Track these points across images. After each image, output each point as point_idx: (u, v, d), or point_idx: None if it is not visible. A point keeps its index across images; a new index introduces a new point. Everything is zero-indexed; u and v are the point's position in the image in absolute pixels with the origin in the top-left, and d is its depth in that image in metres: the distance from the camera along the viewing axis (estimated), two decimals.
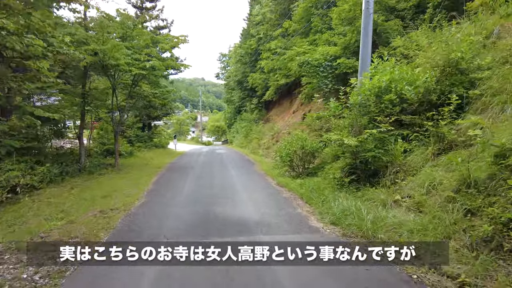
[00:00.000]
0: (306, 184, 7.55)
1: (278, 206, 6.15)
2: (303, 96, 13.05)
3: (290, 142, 9.16)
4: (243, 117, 29.51)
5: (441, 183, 4.69)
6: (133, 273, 3.40)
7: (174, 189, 8.15)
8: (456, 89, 5.89)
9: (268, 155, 17.12)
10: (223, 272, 3.35)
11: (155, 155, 16.90)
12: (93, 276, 3.43)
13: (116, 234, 4.77)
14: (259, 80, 24.69)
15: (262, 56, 22.76)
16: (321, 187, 6.95)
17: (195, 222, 5.32)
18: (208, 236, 4.57)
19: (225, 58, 37.42)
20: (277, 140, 18.80)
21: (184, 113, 56.44)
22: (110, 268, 3.41)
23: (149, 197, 7.16)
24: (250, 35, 28.77)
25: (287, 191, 7.46)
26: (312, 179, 8.16)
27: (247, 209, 5.93)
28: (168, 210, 6.02)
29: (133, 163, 13.23)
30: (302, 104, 19.85)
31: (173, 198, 7.02)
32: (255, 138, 22.98)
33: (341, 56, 10.95)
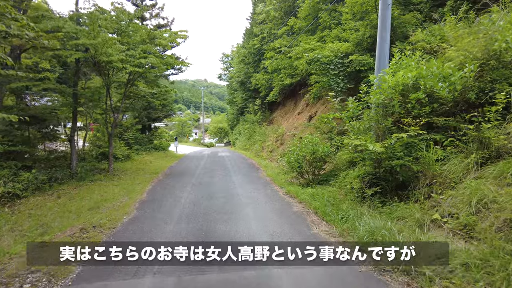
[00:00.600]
0: (319, 194, 6.63)
1: (289, 224, 5.21)
2: (311, 97, 12.16)
3: (300, 147, 8.25)
4: (246, 119, 28.62)
5: (494, 201, 3.76)
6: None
7: (170, 200, 7.26)
8: (499, 86, 4.96)
9: (272, 159, 16.21)
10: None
11: (154, 159, 16.02)
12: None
13: (81, 276, 3.51)
14: (263, 80, 23.82)
15: (266, 56, 21.90)
16: (337, 199, 6.03)
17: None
18: (207, 271, 3.60)
19: (227, 59, 36.51)
20: (282, 143, 17.89)
21: (186, 114, 55.65)
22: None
23: (140, 211, 6.25)
24: (253, 34, 27.91)
25: (297, 203, 6.54)
26: (325, 188, 7.24)
27: (254, 229, 5.01)
28: (160, 230, 5.07)
29: (129, 167, 12.35)
30: (307, 105, 18.95)
31: (168, 212, 6.10)
32: (258, 140, 22.10)
33: (353, 52, 10.03)
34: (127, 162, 13.48)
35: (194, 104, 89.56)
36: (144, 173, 11.28)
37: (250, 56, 27.52)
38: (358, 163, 6.76)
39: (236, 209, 6.16)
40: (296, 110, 21.31)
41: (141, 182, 9.29)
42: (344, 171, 7.53)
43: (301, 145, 8.24)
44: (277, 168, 12.97)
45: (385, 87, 5.91)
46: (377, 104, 6.12)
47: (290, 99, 23.40)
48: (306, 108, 19.03)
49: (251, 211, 6.03)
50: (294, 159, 8.12)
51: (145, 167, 12.69)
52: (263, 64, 23.93)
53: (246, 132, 26.83)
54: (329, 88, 10.34)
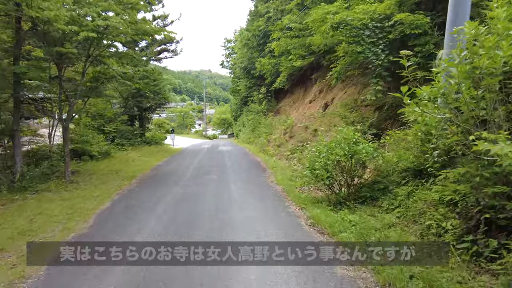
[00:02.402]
0: (370, 230, 3.76)
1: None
2: (334, 76, 9.15)
3: (328, 147, 5.28)
4: (250, 109, 25.64)
5: None
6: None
7: (129, 230, 4.45)
8: None
9: (281, 155, 13.33)
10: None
11: (141, 155, 13.22)
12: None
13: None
14: (268, 65, 20.77)
15: (272, 36, 18.76)
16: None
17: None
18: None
19: (230, 44, 33.18)
20: (291, 136, 14.96)
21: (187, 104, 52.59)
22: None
23: (68, 254, 3.42)
24: (258, 15, 24.66)
25: (337, 249, 3.57)
26: (373, 213, 4.37)
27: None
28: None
29: (101, 168, 9.56)
30: (320, 91, 15.94)
31: (115, 259, 3.29)
32: (264, 132, 19.20)
33: (394, 14, 6.99)
34: (103, 161, 10.70)
35: (198, 95, 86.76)
36: (116, 177, 8.46)
37: (254, 39, 24.33)
38: (436, 175, 3.85)
39: (233, 257, 3.27)
40: (306, 98, 18.28)
41: (101, 195, 6.47)
42: (402, 185, 4.62)
43: (331, 144, 5.29)
44: (288, 169, 10.09)
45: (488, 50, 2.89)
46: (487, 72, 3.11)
47: (299, 86, 20.36)
48: (319, 95, 16.02)
49: (258, 274, 3.15)
50: (321, 165, 5.18)
51: (123, 168, 9.88)
52: (269, 47, 20.81)
53: (250, 123, 23.91)
54: (364, 61, 7.35)
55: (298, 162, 10.92)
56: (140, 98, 16.33)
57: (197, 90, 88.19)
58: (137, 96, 16.12)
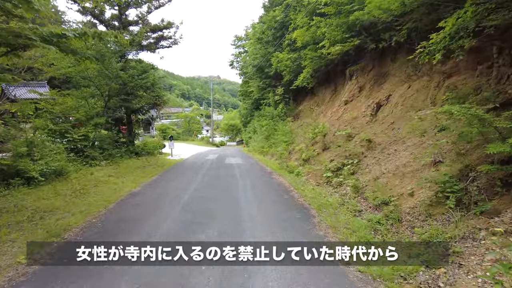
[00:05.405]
0: None
1: None
2: (437, 49, 4.88)
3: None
4: (263, 113, 21.44)
5: None
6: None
7: None
8: None
9: (314, 175, 9.01)
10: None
11: (116, 173, 9.03)
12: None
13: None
14: (287, 61, 16.65)
15: (294, 24, 14.68)
16: None
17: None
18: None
19: (240, 42, 29.13)
20: (325, 148, 10.64)
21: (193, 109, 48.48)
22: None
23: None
24: (274, 4, 20.65)
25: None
26: None
27: None
28: None
29: (11, 210, 5.37)
30: (361, 89, 11.70)
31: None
32: (282, 141, 14.94)
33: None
34: (42, 189, 6.52)
35: (206, 101, 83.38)
36: (20, 235, 4.27)
37: (269, 32, 20.23)
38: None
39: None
40: (337, 98, 13.98)
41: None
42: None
43: None
44: (344, 209, 5.79)
45: None
46: None
47: (324, 86, 16.10)
48: (359, 93, 11.72)
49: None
50: None
51: (61, 206, 5.70)
52: (289, 39, 16.70)
53: (263, 130, 19.67)
54: None
55: (354, 192, 6.64)
56: (127, 97, 12.23)
57: (206, 96, 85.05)
58: (123, 93, 12.03)
